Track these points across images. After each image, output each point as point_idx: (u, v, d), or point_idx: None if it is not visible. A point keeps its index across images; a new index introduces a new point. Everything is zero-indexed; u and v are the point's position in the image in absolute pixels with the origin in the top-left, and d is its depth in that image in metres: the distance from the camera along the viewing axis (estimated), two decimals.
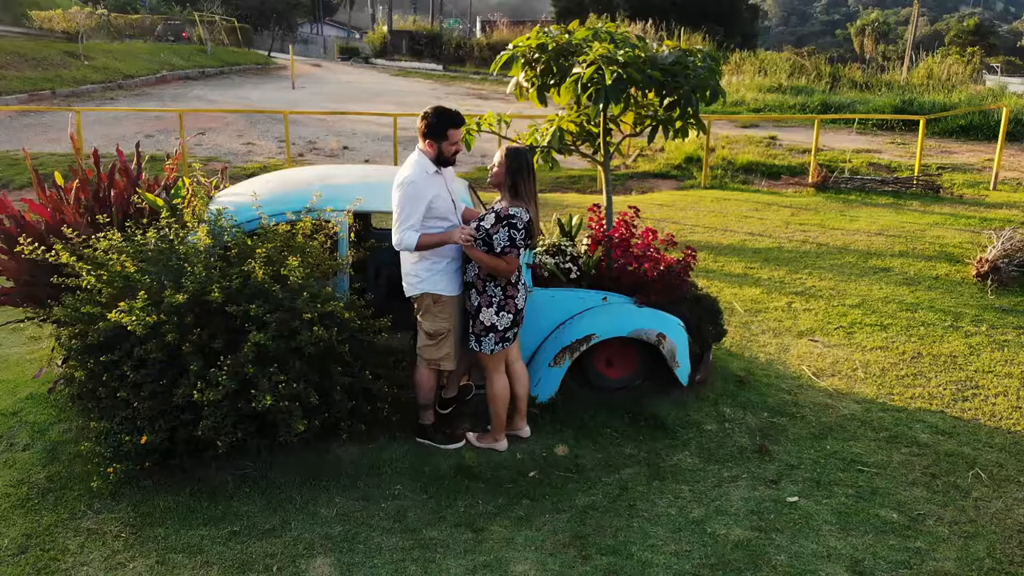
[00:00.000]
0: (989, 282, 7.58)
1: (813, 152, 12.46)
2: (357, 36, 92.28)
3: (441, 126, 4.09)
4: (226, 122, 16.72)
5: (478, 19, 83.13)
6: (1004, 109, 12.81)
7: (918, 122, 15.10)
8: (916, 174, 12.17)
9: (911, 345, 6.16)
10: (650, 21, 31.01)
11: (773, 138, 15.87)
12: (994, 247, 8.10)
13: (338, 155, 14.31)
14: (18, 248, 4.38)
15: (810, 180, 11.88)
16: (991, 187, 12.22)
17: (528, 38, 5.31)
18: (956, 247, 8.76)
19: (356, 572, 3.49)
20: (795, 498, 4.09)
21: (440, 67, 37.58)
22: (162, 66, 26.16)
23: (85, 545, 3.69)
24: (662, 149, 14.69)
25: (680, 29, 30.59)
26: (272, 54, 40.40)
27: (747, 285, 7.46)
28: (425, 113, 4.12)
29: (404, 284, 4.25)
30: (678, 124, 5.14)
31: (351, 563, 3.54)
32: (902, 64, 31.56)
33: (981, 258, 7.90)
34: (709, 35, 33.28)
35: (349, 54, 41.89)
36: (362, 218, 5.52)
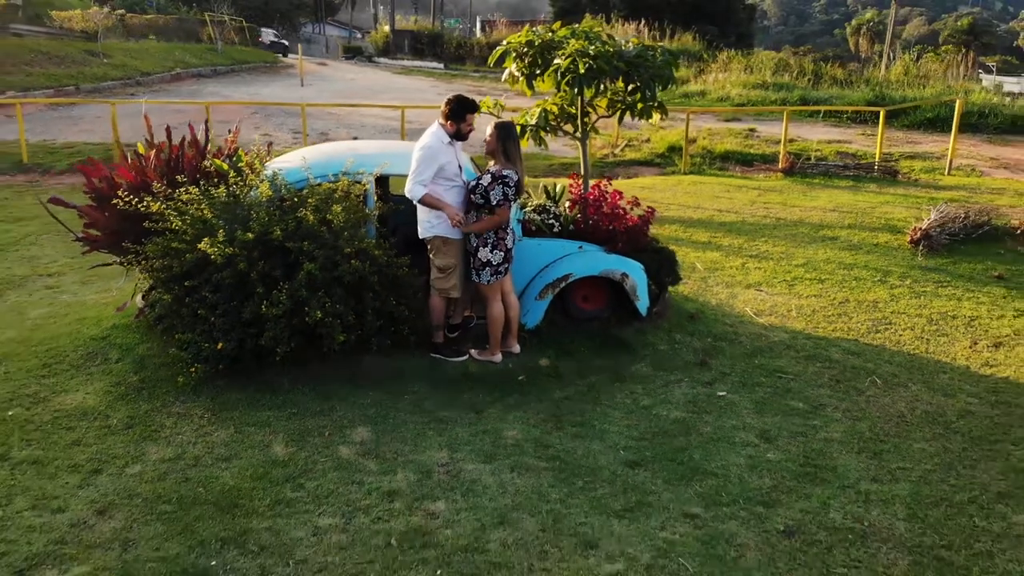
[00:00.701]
0: (921, 247, 8.73)
1: (783, 140, 13.62)
2: (359, 36, 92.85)
3: (461, 111, 5.25)
4: (244, 115, 17.85)
5: (478, 19, 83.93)
6: (957, 101, 13.96)
7: (889, 115, 16.27)
8: (877, 160, 13.32)
9: (841, 294, 7.31)
10: (643, 21, 32.11)
11: (752, 130, 17.02)
12: (929, 218, 9.26)
13: None
14: (114, 201, 5.51)
15: (779, 166, 13.03)
16: (946, 172, 13.37)
17: (519, 36, 6.45)
18: (900, 221, 9.90)
19: (388, 435, 4.63)
20: (723, 393, 5.24)
21: (441, 65, 38.74)
22: (176, 64, 27.32)
23: (177, 423, 4.83)
24: (648, 140, 15.84)
25: (671, 28, 31.74)
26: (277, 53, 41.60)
27: (710, 250, 8.61)
28: (448, 100, 5.28)
29: (419, 228, 5.39)
30: (640, 107, 6.28)
31: (384, 430, 4.69)
32: (881, 61, 32.68)
33: (916, 227, 9.05)
34: (700, 35, 34.39)
35: (353, 53, 43.07)
36: (382, 181, 6.64)
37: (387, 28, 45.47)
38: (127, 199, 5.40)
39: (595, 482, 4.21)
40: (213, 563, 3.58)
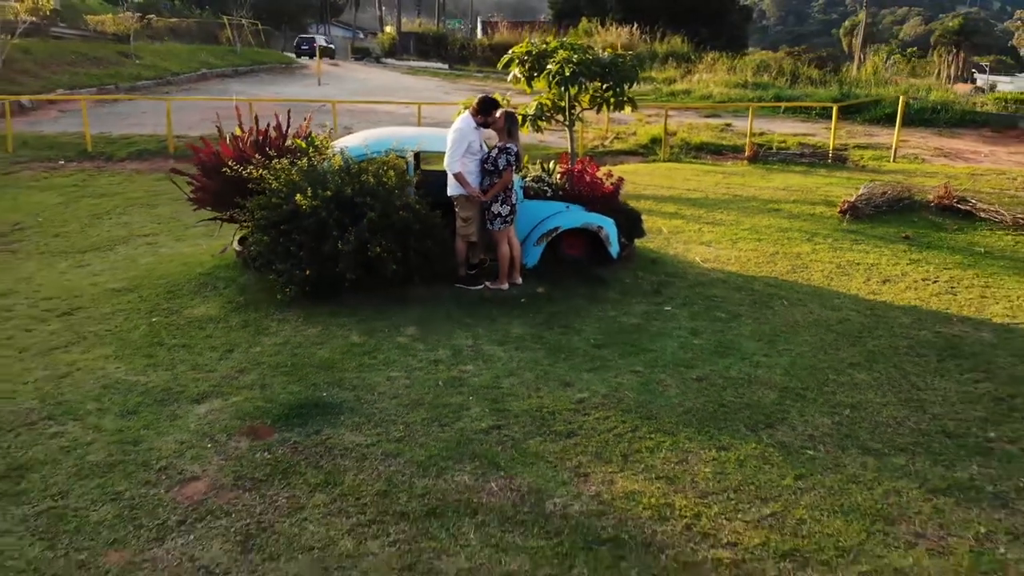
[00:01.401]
0: (847, 216, 10.66)
1: (748, 132, 15.56)
2: (362, 36, 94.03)
3: (488, 107, 7.19)
4: (274, 111, 19.74)
5: (479, 19, 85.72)
6: (900, 98, 15.88)
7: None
8: (831, 149, 15.24)
9: (773, 248, 9.24)
10: (635, 24, 34.02)
11: (728, 125, 18.95)
12: (858, 193, 11.19)
13: None
14: (223, 170, 7.43)
15: (745, 154, 14.96)
16: (891, 159, 15.30)
17: (520, 47, 8.41)
18: (837, 197, 11.82)
19: (430, 331, 6.57)
20: (669, 308, 7.18)
21: (446, 66, 40.61)
22: (201, 65, 29.23)
23: (279, 324, 6.76)
24: (634, 133, 17.76)
25: (662, 31, 33.64)
26: (283, 52, 43.52)
27: (675, 219, 10.54)
28: (480, 99, 7.22)
29: (448, 188, 7.32)
30: (612, 101, 8.21)
31: (427, 329, 6.62)
32: (853, 62, 34.48)
33: (845, 200, 10.98)
34: (691, 36, 36.29)
35: (361, 54, 44.99)
36: (417, 156, 8.55)
37: (392, 30, 47.33)
38: (235, 168, 7.33)
39: (573, 356, 6.15)
40: (324, 394, 5.51)
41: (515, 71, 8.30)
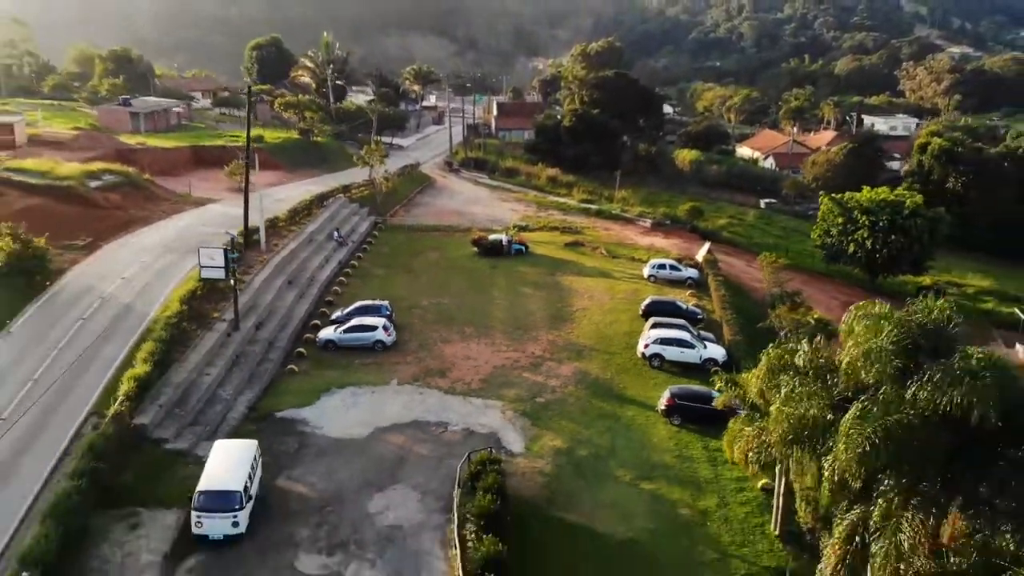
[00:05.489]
0: (566, 246, 61.18)
1: (563, 223, 66.03)
2: (418, 109, 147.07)
3: (502, 235, 58.18)
4: (453, 216, 70.31)
5: (495, 101, 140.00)
6: (597, 206, 66.53)
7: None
8: (576, 228, 65.84)
9: (553, 253, 59.85)
10: (561, 167, 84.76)
11: (564, 220, 69.44)
12: (572, 239, 61.95)
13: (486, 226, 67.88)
14: (478, 240, 58.05)
15: (560, 232, 65.43)
16: (594, 232, 65.93)
17: (512, 226, 59.09)
18: (568, 239, 62.13)
19: (503, 260, 57.28)
20: (530, 259, 57.98)
21: (485, 175, 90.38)
22: (411, 189, 79.46)
23: (494, 260, 57.54)
24: (545, 223, 68.30)
25: (573, 168, 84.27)
26: (394, 142, 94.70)
27: (538, 246, 61.01)
28: (506, 230, 58.25)
29: (503, 243, 58.05)
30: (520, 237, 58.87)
31: (506, 259, 57.36)
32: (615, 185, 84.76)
33: (566, 242, 61.60)
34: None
35: (448, 165, 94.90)
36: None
37: (463, 156, 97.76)
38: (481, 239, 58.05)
39: (521, 265, 56.64)
40: (496, 264, 56.14)
41: (512, 230, 58.36)
